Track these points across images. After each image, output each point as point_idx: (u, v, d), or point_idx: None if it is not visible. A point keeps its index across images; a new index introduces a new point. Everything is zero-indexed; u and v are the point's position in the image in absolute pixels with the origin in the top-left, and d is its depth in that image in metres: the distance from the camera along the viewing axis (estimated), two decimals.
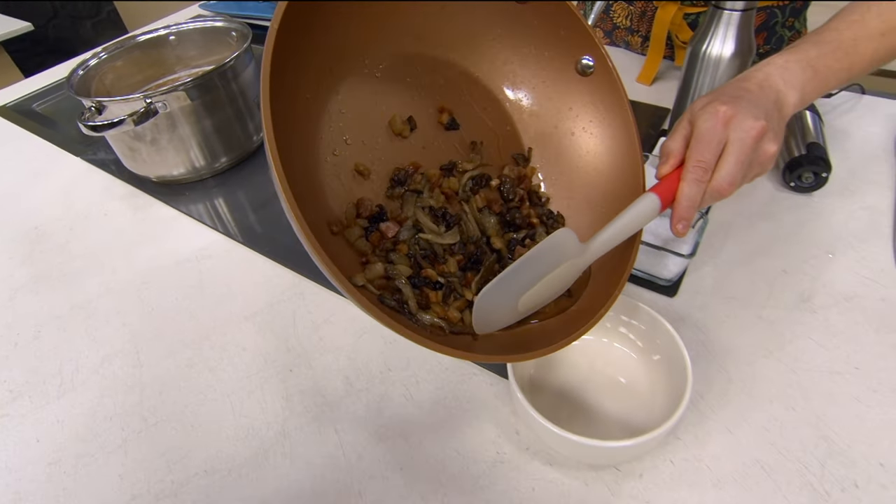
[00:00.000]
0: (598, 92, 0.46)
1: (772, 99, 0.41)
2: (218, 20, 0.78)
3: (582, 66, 0.46)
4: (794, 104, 0.42)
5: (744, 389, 0.45)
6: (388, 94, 0.44)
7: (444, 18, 0.43)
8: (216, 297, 0.58)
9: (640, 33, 0.84)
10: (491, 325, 0.40)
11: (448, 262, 0.43)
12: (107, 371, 0.52)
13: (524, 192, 0.48)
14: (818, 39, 0.44)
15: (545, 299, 0.42)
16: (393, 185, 0.45)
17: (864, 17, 0.44)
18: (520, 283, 0.38)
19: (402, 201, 0.45)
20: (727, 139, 0.38)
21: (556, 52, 0.46)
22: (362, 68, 0.43)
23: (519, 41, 0.46)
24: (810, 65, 0.43)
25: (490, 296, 0.37)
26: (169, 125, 0.66)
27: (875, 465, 0.40)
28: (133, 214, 0.70)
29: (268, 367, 0.50)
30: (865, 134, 0.70)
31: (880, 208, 0.60)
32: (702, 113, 0.39)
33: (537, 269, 0.38)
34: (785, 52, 0.44)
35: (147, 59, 0.78)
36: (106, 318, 0.57)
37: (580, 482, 0.40)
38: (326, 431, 0.45)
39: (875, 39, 0.44)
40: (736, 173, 0.38)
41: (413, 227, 0.44)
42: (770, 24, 0.75)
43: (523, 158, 0.49)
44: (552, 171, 0.50)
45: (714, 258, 0.56)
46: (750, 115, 0.38)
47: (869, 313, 0.50)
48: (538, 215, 0.47)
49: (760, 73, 0.42)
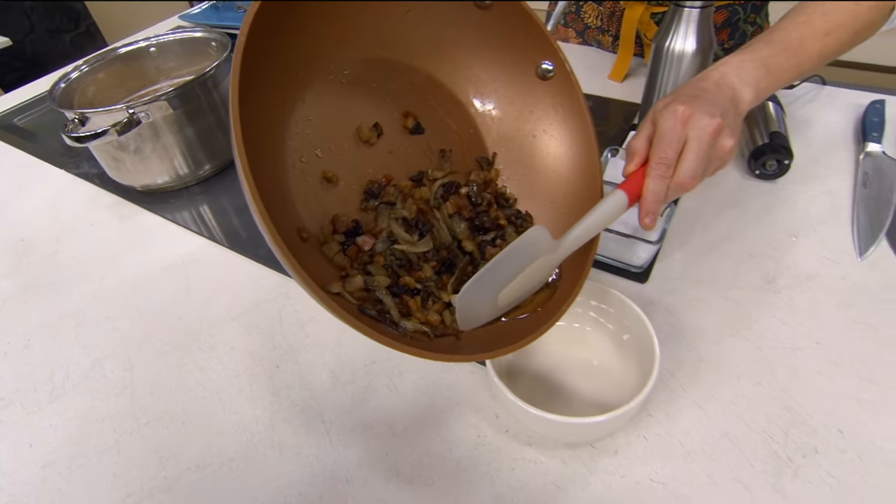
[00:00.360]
0: (557, 95, 0.48)
1: (728, 96, 0.43)
2: (197, 31, 0.79)
3: (542, 70, 0.48)
4: (749, 100, 0.45)
5: (712, 367, 0.47)
6: (354, 100, 0.46)
7: (407, 24, 0.45)
8: (203, 299, 0.59)
9: (610, 32, 0.87)
10: (474, 321, 0.42)
11: (423, 268, 0.45)
12: (98, 375, 0.53)
13: (491, 195, 0.49)
14: (769, 39, 0.47)
15: (524, 294, 0.43)
16: (367, 198, 0.47)
17: (811, 19, 0.47)
18: (498, 279, 0.40)
19: (376, 214, 0.46)
20: (687, 136, 0.40)
21: (517, 57, 0.48)
22: (328, 74, 0.44)
23: (481, 47, 0.48)
24: (763, 63, 0.45)
25: (470, 292, 0.39)
26: (152, 134, 0.67)
27: (834, 431, 0.42)
28: (119, 223, 0.71)
29: (255, 364, 0.52)
30: (826, 123, 0.73)
31: (840, 192, 0.63)
32: (662, 113, 0.41)
33: (514, 265, 0.40)
34: (739, 52, 0.46)
35: (128, 71, 0.79)
36: (95, 324, 0.58)
37: (558, 460, 0.42)
38: (314, 423, 0.46)
39: (820, 39, 0.47)
40: (696, 168, 0.40)
41: (388, 238, 0.45)
42: (733, 20, 0.77)
43: (487, 162, 0.51)
44: (515, 173, 0.52)
45: (684, 245, 0.58)
46: (707, 114, 0.40)
47: (830, 291, 0.52)
48: (507, 217, 0.49)
49: (717, 72, 0.45)
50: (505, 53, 0.48)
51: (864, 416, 0.43)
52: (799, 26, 0.47)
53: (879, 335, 0.48)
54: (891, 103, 0.72)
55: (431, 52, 0.47)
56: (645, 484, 0.41)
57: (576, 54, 0.92)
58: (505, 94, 0.50)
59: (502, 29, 0.46)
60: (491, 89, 0.50)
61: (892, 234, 0.57)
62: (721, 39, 0.80)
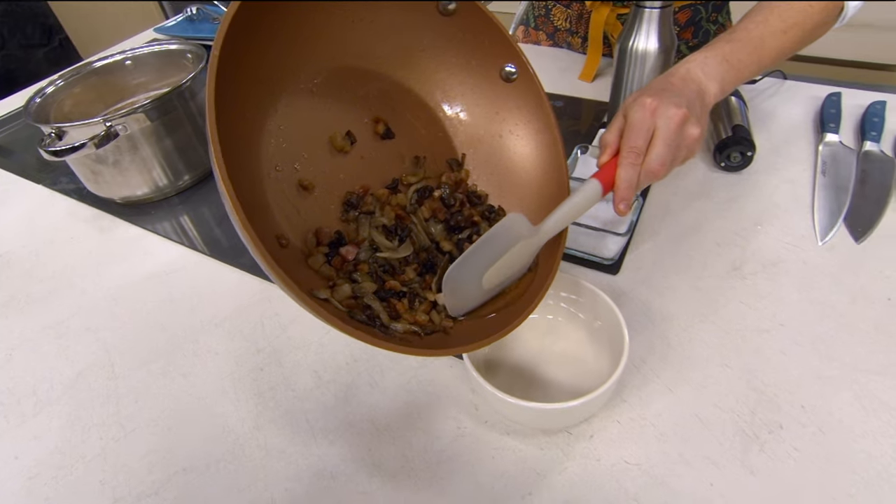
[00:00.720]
0: (521, 97, 0.50)
1: (694, 90, 0.46)
2: (173, 43, 0.80)
3: (505, 73, 0.50)
4: (714, 93, 0.48)
5: (682, 352, 0.49)
6: (325, 109, 0.47)
7: (374, 33, 0.46)
8: (186, 307, 0.60)
9: (579, 34, 0.89)
10: (462, 306, 0.44)
11: (406, 271, 0.46)
12: (82, 385, 0.53)
13: (463, 195, 0.51)
14: (731, 38, 0.50)
15: (508, 277, 0.45)
16: (346, 209, 0.48)
17: (768, 18, 0.51)
18: (480, 262, 0.42)
19: (356, 224, 0.48)
20: (655, 126, 0.43)
21: (481, 61, 0.49)
22: (298, 84, 0.45)
23: (446, 53, 0.49)
24: (725, 59, 0.48)
25: (455, 275, 0.41)
26: (130, 147, 0.68)
27: (797, 407, 0.44)
28: (99, 236, 0.71)
29: (239, 368, 0.53)
30: (788, 115, 0.76)
31: (801, 181, 0.65)
32: (632, 105, 0.44)
33: (494, 249, 0.42)
34: (703, 50, 0.49)
35: (105, 85, 0.80)
36: (78, 335, 0.58)
37: (536, 447, 0.44)
38: (298, 422, 0.47)
39: (778, 37, 0.50)
40: (665, 155, 0.42)
41: (370, 247, 0.46)
42: (696, 19, 0.80)
43: (457, 163, 0.53)
44: (484, 172, 0.53)
45: (653, 236, 0.61)
46: (672, 104, 0.43)
47: (792, 275, 0.55)
48: (479, 213, 0.51)
49: (682, 68, 0.48)
50: (470, 58, 0.49)
51: (825, 391, 0.45)
52: (758, 25, 0.50)
53: (838, 314, 0.51)
54: (846, 95, 0.75)
55: (399, 59, 0.49)
56: (620, 466, 0.42)
57: (547, 56, 0.94)
58: (471, 97, 0.52)
59: (466, 35, 0.48)
60: (457, 93, 0.52)
61: (849, 219, 0.59)
62: (685, 38, 0.82)
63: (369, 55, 0.47)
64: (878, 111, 0.71)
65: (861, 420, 0.43)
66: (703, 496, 0.40)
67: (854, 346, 0.48)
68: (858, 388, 0.45)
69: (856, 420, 0.43)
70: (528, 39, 0.97)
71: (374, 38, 0.46)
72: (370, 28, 0.46)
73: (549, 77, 0.90)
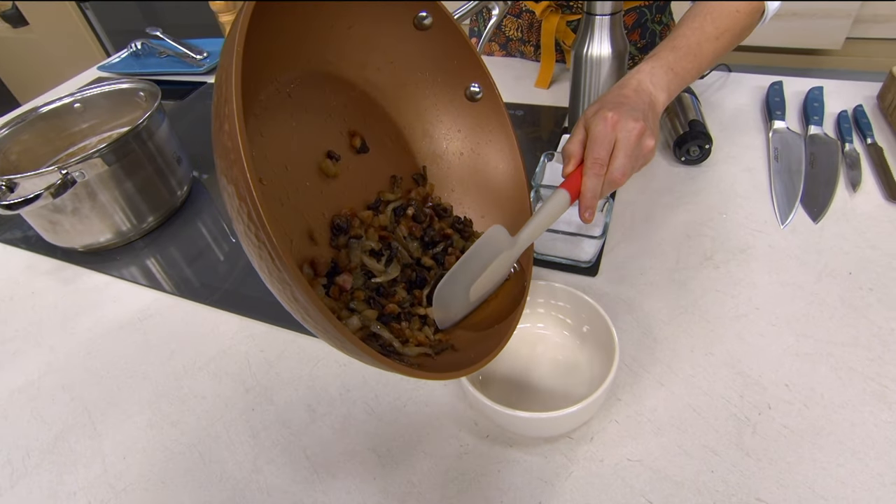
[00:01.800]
0: (483, 116, 0.51)
1: (646, 101, 0.49)
2: (123, 82, 0.78)
3: (470, 92, 0.51)
4: (663, 102, 0.52)
5: (668, 346, 0.51)
6: (302, 116, 0.46)
7: (350, 41, 0.45)
8: (166, 353, 0.58)
9: (531, 43, 0.92)
10: (450, 319, 0.45)
11: (397, 291, 0.46)
12: (62, 449, 0.51)
13: (430, 210, 0.51)
14: (673, 46, 0.54)
15: (490, 288, 0.47)
16: (335, 234, 0.47)
17: (703, 25, 0.55)
18: (467, 277, 0.44)
19: (347, 250, 0.46)
20: (616, 139, 0.46)
21: (449, 78, 0.50)
22: (275, 87, 0.43)
23: (417, 67, 0.50)
24: (670, 68, 0.52)
25: (445, 291, 0.42)
26: (89, 193, 0.65)
27: (781, 386, 0.46)
28: (63, 287, 0.68)
29: (230, 410, 0.51)
30: (736, 106, 0.79)
31: (758, 169, 0.69)
32: (594, 119, 0.47)
33: (480, 262, 0.44)
34: (650, 60, 0.53)
35: (53, 130, 0.77)
36: (51, 396, 0.56)
37: (539, 456, 0.44)
38: (298, 459, 0.46)
39: (712, 42, 0.55)
40: (626, 165, 0.45)
41: (362, 273, 0.45)
42: (641, 21, 0.83)
43: (422, 178, 0.53)
44: (446, 187, 0.54)
45: (626, 236, 0.62)
46: (631, 118, 0.46)
47: (761, 260, 0.57)
48: (449, 225, 0.51)
49: (634, 80, 0.51)
50: (437, 74, 0.50)
51: (804, 367, 0.48)
52: (695, 32, 0.54)
53: (806, 293, 0.53)
54: (787, 84, 0.79)
55: (372, 69, 0.48)
56: (623, 464, 0.43)
57: (502, 66, 0.96)
58: (433, 112, 0.52)
59: (437, 51, 0.48)
60: (422, 108, 0.52)
61: (805, 201, 0.62)
62: (633, 40, 0.85)
63: (345, 63, 0.46)
64: (816, 97, 0.75)
65: (839, 391, 0.46)
66: (706, 484, 0.41)
67: (824, 321, 0.51)
68: (833, 360, 0.48)
69: (835, 392, 0.46)
70: (482, 51, 0.99)
71: (351, 46, 0.46)
72: (348, 34, 0.45)
73: (505, 86, 0.92)
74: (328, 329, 0.31)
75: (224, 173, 0.30)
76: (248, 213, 0.29)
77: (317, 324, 0.32)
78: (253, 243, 0.30)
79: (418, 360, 0.41)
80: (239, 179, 0.28)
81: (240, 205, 0.29)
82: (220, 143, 0.30)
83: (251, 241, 0.30)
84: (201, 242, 0.72)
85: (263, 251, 0.30)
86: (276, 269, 0.30)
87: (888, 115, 0.72)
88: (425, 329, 0.45)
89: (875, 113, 0.74)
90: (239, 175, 0.28)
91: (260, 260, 0.31)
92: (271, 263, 0.30)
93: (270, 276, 0.31)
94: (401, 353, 0.41)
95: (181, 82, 1.13)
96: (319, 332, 0.33)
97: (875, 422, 0.43)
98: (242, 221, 0.30)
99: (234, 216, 0.31)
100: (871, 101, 0.76)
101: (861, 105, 0.74)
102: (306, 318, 0.32)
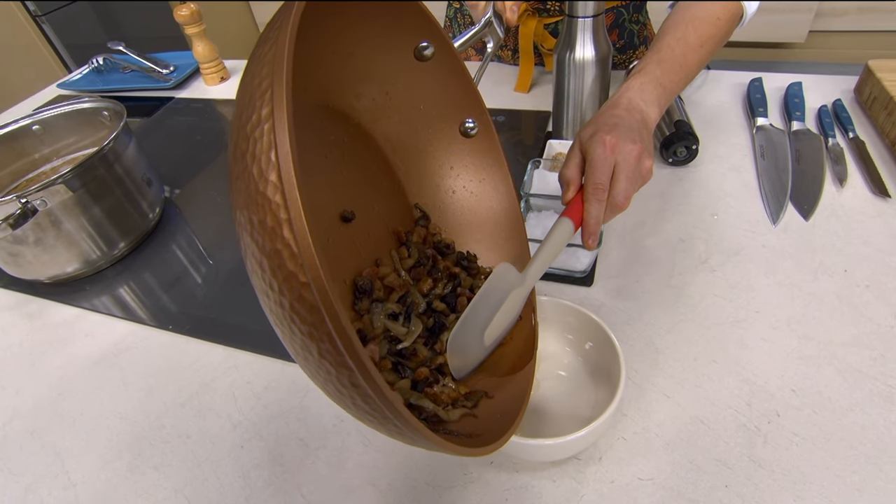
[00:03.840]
0: (478, 153, 0.49)
1: (638, 119, 0.48)
2: (85, 101, 0.74)
3: (465, 127, 0.48)
4: (655, 118, 0.50)
5: (670, 355, 0.49)
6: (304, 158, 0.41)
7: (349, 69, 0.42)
8: (144, 390, 0.54)
9: (508, 47, 0.90)
10: (466, 366, 0.42)
11: (418, 350, 0.42)
12: (33, 502, 0.47)
13: (432, 251, 0.48)
14: (659, 59, 0.53)
15: (504, 330, 0.44)
16: (358, 297, 0.43)
17: (685, 34, 0.54)
18: (480, 319, 0.41)
19: (370, 315, 0.42)
20: (616, 162, 0.44)
21: (444, 112, 0.47)
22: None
23: (413, 99, 0.46)
24: (659, 83, 0.51)
25: (459, 338, 0.40)
26: (53, 222, 0.61)
27: (788, 392, 0.45)
28: (28, 323, 0.64)
29: (216, 449, 0.48)
30: (718, 104, 0.79)
31: (745, 167, 0.68)
32: (590, 143, 0.45)
33: (491, 303, 0.41)
34: (637, 76, 0.52)
35: (11, 154, 0.72)
36: (19, 444, 0.52)
37: (547, 480, 0.42)
38: (293, 498, 0.44)
39: (697, 51, 0.54)
40: (628, 189, 0.44)
41: (385, 339, 0.42)
42: (619, 21, 0.83)
43: (425, 218, 0.50)
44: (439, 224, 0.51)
45: (619, 243, 0.61)
46: (629, 140, 0.45)
47: (756, 261, 0.57)
48: (454, 263, 0.48)
49: (624, 98, 0.50)
50: (433, 108, 0.47)
51: (809, 371, 0.47)
52: (679, 42, 0.54)
53: (804, 293, 0.53)
54: (766, 79, 0.79)
55: (365, 100, 0.45)
56: (634, 484, 0.41)
57: None
58: (426, 149, 0.49)
59: (436, 84, 0.45)
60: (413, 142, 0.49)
61: (794, 198, 0.62)
62: (612, 40, 0.85)
63: (342, 92, 0.43)
64: (797, 92, 0.75)
65: (847, 394, 0.45)
66: (721, 501, 0.40)
67: (825, 321, 0.50)
68: (837, 362, 0.47)
69: (842, 395, 0.45)
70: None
71: (350, 74, 0.42)
72: (348, 62, 0.41)
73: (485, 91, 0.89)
74: (413, 436, 0.28)
75: (257, 232, 0.25)
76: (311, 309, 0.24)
77: (398, 429, 0.28)
78: (312, 342, 0.25)
79: (463, 424, 0.38)
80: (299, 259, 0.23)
81: (293, 297, 0.25)
82: (256, 190, 0.25)
83: (300, 335, 0.26)
84: (177, 267, 0.68)
85: (324, 344, 0.25)
86: (347, 370, 0.25)
87: (867, 108, 0.73)
88: (453, 383, 0.42)
89: (853, 106, 0.74)
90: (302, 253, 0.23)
91: (320, 360, 0.26)
92: (339, 361, 0.25)
93: (338, 379, 0.26)
94: (446, 422, 0.38)
95: (148, 98, 1.09)
96: (389, 431, 0.29)
97: (885, 423, 0.43)
98: (296, 321, 0.25)
99: (269, 286, 0.26)
100: (848, 95, 0.77)
101: (840, 99, 0.74)
102: (377, 420, 0.29)
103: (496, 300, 0.41)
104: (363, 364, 0.25)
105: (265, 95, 0.25)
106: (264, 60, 0.26)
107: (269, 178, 0.24)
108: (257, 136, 0.25)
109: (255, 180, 0.25)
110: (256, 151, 0.25)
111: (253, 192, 0.25)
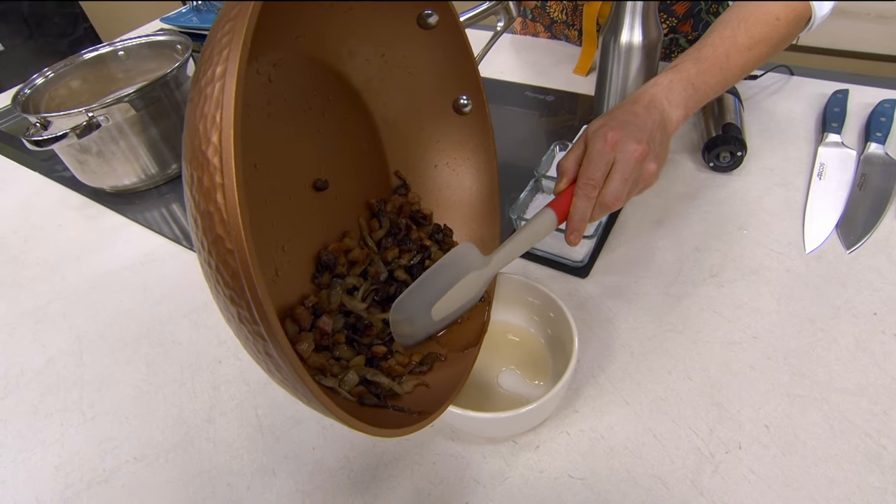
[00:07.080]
0: (468, 132, 0.48)
1: (657, 119, 0.45)
2: (160, 35, 0.80)
3: (459, 104, 0.47)
4: (677, 120, 0.47)
5: (644, 363, 0.47)
6: (280, 106, 0.41)
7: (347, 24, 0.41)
8: (157, 297, 0.60)
9: (575, 27, 0.86)
10: (411, 336, 0.42)
11: (374, 323, 0.42)
12: (51, 371, 0.54)
13: (406, 219, 0.48)
14: (698, 56, 0.49)
15: (458, 309, 0.44)
16: (319, 271, 0.43)
17: (735, 34, 0.49)
18: (429, 293, 0.41)
19: (329, 290, 0.42)
20: (614, 160, 0.42)
21: (441, 85, 0.46)
22: (257, 66, 0.38)
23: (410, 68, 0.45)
24: (691, 83, 0.47)
25: (404, 304, 0.39)
26: (114, 137, 0.69)
27: (760, 427, 0.42)
28: (86, 224, 0.73)
29: (199, 360, 0.53)
30: (789, 114, 0.72)
31: (796, 185, 0.62)
32: (593, 136, 0.43)
33: (444, 279, 0.41)
34: (669, 72, 0.48)
35: (95, 76, 0.81)
36: (54, 322, 0.60)
37: (479, 455, 0.43)
38: (248, 416, 0.47)
39: (744, 54, 0.49)
40: (621, 189, 0.42)
41: (340, 313, 0.42)
42: (695, 11, 0.76)
43: (405, 187, 0.49)
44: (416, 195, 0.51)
45: (630, 239, 0.58)
46: (633, 139, 0.42)
47: (773, 284, 0.52)
48: (427, 235, 0.48)
49: (647, 94, 0.47)
50: (428, 78, 0.46)
51: (793, 410, 0.43)
52: (725, 41, 0.49)
53: (816, 329, 0.48)
54: (854, 92, 0.70)
55: (359, 59, 0.44)
56: (563, 479, 0.41)
57: (543, 49, 0.91)
58: (416, 120, 0.48)
59: (435, 54, 0.44)
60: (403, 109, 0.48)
61: (841, 226, 0.56)
62: (685, 31, 0.79)
63: (336, 47, 0.42)
64: (886, 110, 0.66)
65: (827, 442, 0.41)
66: None
67: (830, 363, 0.46)
68: (829, 408, 0.43)
69: (820, 442, 0.41)
70: (525, 31, 0.94)
71: (347, 30, 0.41)
72: (347, 17, 0.40)
73: (542, 70, 0.87)
74: (323, 412, 0.29)
75: (195, 189, 0.25)
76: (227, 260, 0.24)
77: (308, 402, 0.29)
78: (224, 295, 0.26)
79: (416, 396, 0.39)
80: (222, 203, 0.23)
81: (212, 238, 0.24)
82: (198, 147, 0.24)
83: (223, 296, 0.26)
84: None
85: (243, 310, 0.25)
86: (262, 340, 0.26)
87: None
88: (402, 348, 0.42)
89: None
90: (223, 200, 0.23)
91: (240, 324, 0.26)
92: (255, 329, 0.25)
93: (255, 345, 0.27)
94: (398, 395, 0.39)
95: None
96: (309, 404, 0.30)
97: (859, 484, 0.38)
98: (212, 263, 0.25)
99: (201, 244, 0.26)
100: None
101: None
102: (298, 397, 0.29)
103: (451, 277, 0.41)
104: (276, 336, 0.25)
105: (223, 52, 0.25)
106: (230, 15, 0.26)
107: (210, 139, 0.24)
108: (208, 93, 0.24)
109: (200, 137, 0.24)
110: (205, 109, 0.24)
111: (196, 149, 0.25)
